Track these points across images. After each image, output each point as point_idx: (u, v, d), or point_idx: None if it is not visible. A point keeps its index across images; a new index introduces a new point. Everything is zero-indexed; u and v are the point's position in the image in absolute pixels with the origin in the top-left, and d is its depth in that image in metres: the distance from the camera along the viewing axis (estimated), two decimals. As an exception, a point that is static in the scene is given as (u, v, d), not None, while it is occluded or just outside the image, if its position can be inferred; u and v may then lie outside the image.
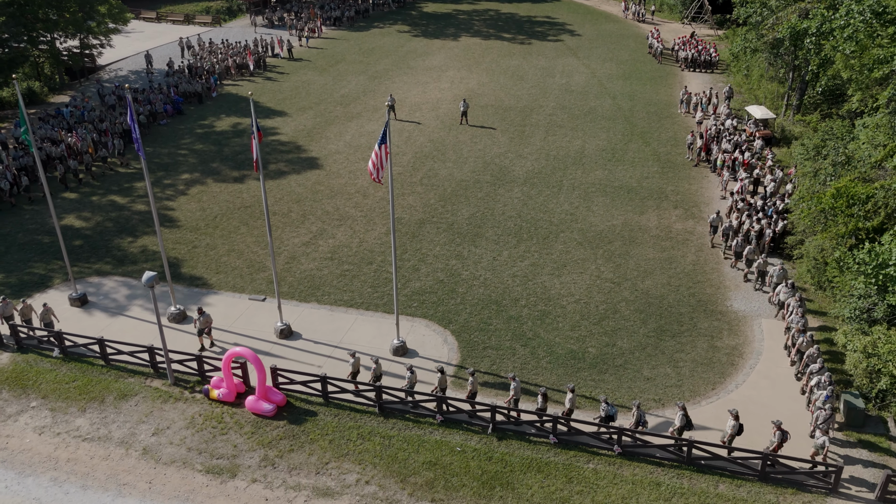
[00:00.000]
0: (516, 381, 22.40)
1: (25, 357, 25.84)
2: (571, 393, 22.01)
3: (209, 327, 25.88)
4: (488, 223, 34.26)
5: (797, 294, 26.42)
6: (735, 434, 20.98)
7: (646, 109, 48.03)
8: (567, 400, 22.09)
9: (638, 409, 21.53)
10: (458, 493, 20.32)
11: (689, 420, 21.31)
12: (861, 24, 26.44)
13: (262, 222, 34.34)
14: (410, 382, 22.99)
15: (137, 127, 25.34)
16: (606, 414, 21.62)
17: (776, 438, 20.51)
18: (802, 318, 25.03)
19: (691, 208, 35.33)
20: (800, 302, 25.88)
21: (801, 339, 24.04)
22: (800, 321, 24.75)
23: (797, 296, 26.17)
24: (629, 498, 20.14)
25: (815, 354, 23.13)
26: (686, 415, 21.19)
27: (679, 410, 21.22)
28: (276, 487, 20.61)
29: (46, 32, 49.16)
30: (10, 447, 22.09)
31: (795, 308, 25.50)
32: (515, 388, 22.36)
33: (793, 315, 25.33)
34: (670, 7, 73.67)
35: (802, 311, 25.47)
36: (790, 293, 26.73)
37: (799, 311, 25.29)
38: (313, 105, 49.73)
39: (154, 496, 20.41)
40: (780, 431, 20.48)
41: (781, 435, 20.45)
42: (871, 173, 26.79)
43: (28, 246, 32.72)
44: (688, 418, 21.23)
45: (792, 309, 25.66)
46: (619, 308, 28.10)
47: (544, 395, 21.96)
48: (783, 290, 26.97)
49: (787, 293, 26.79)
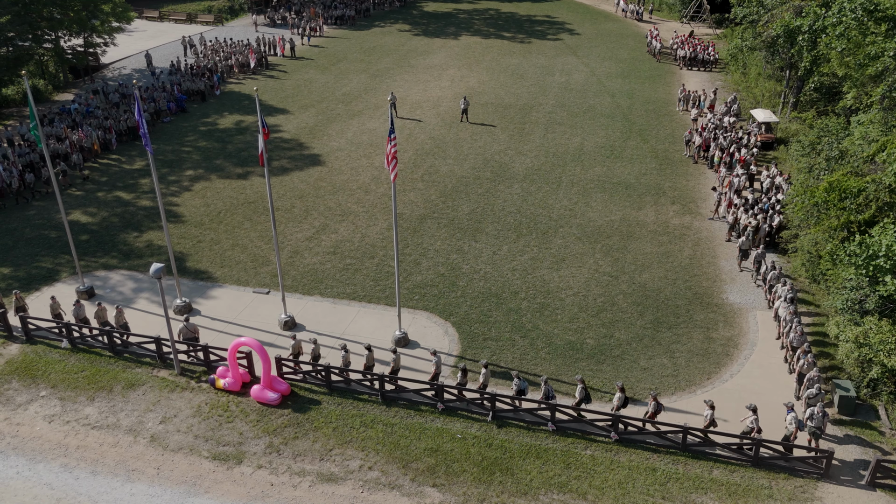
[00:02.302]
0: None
1: (35, 348, 26.37)
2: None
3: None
4: (488, 218, 34.78)
5: (793, 307, 25.64)
6: (711, 423, 21.56)
7: (644, 107, 48.55)
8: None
9: (545, 384, 22.65)
10: (459, 479, 20.85)
11: (588, 395, 22.78)
12: (853, 21, 26.95)
13: (265, 218, 34.87)
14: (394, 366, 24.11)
15: (145, 123, 25.86)
16: (518, 388, 22.75)
17: (752, 423, 21.12)
18: (803, 335, 24.22)
19: (688, 204, 35.84)
20: (798, 317, 25.03)
21: (802, 360, 23.03)
22: (802, 341, 23.93)
23: (793, 308, 25.44)
24: (626, 483, 20.66)
25: (815, 380, 22.22)
26: (585, 388, 22.71)
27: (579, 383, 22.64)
28: (281, 473, 21.13)
29: (51, 31, 49.65)
30: (21, 435, 22.62)
31: (795, 326, 24.50)
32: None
33: (793, 333, 24.33)
34: (669, 6, 74.15)
35: (802, 329, 24.43)
36: (788, 307, 25.69)
37: (798, 329, 24.29)
38: (315, 103, 50.26)
39: (162, 481, 20.94)
40: (755, 416, 21.22)
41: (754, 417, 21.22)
42: (863, 168, 27.31)
43: (35, 241, 33.26)
44: (587, 391, 22.68)
45: (790, 326, 24.72)
46: (616, 301, 28.62)
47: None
48: (782, 306, 26.03)
49: (786, 308, 25.73)
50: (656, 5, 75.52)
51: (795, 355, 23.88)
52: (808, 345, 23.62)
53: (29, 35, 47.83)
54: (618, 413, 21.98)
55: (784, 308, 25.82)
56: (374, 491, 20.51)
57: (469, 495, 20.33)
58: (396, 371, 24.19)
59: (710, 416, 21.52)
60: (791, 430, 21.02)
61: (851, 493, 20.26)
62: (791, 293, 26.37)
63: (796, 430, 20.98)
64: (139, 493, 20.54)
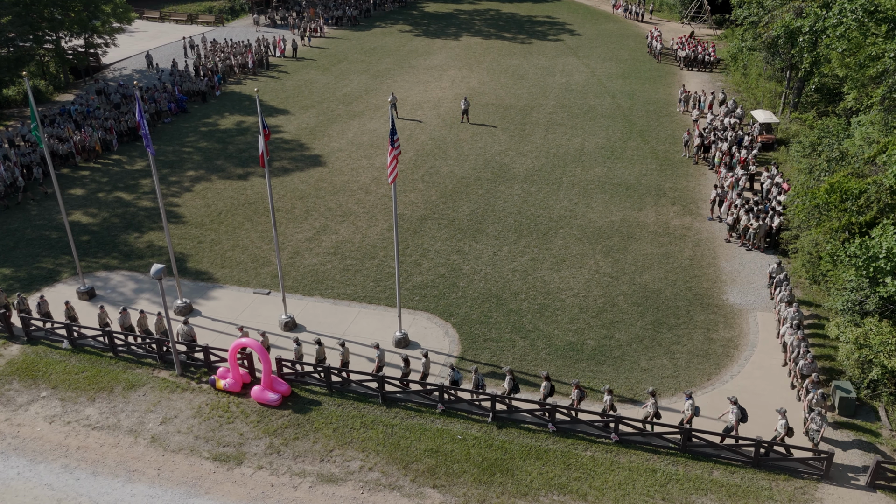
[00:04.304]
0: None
1: (35, 349, 26.40)
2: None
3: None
4: (489, 219, 34.79)
5: (801, 332, 24.45)
6: (740, 420, 21.40)
7: (645, 108, 48.56)
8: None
9: (475, 371, 23.15)
10: (459, 480, 20.86)
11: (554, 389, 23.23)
12: (853, 22, 26.96)
13: (265, 218, 34.89)
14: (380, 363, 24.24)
15: (146, 123, 25.88)
16: (452, 379, 23.32)
17: (734, 417, 21.24)
18: (813, 362, 22.96)
19: (689, 205, 35.85)
20: (806, 342, 23.97)
21: (812, 394, 21.81)
22: (812, 369, 22.80)
23: (800, 334, 24.18)
24: (626, 484, 20.67)
25: (819, 411, 21.34)
26: (551, 383, 23.12)
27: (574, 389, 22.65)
28: (281, 474, 21.15)
29: (52, 32, 49.72)
30: (21, 435, 22.64)
31: (803, 352, 23.40)
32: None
33: (801, 361, 23.12)
34: (669, 7, 74.18)
35: (812, 357, 23.08)
36: (795, 332, 24.53)
37: (808, 357, 22.97)
38: (316, 104, 50.28)
39: (163, 482, 20.96)
40: (737, 407, 21.36)
41: (739, 412, 21.32)
42: (864, 169, 27.31)
43: (36, 241, 33.29)
44: (552, 386, 23.00)
45: (798, 352, 23.72)
46: (617, 301, 28.63)
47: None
48: (788, 331, 24.95)
49: (793, 333, 24.59)
50: (657, 6, 75.53)
51: (804, 384, 22.66)
52: (817, 375, 22.50)
53: (30, 35, 47.90)
54: (545, 402, 22.40)
55: (791, 334, 24.65)
56: (374, 492, 20.53)
57: (469, 496, 20.34)
58: (346, 365, 24.42)
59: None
60: (780, 434, 21.07)
61: (851, 495, 20.26)
62: (797, 317, 25.21)
63: (784, 433, 21.01)
64: (140, 494, 20.56)
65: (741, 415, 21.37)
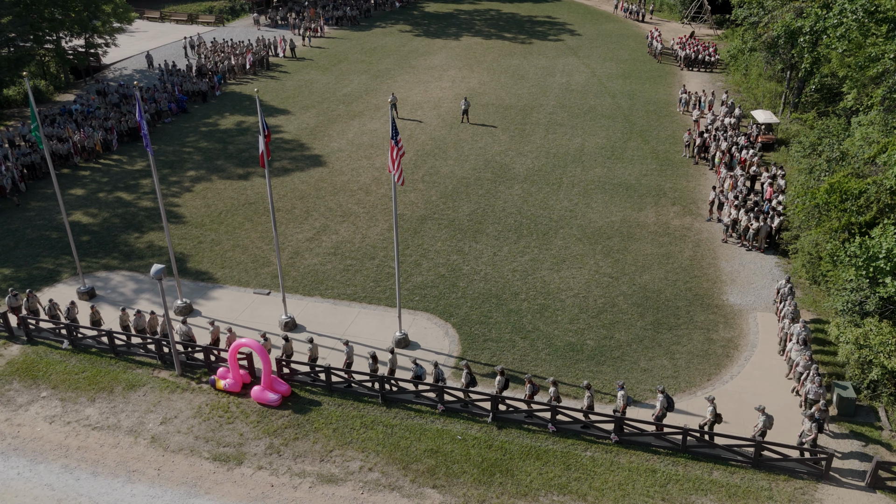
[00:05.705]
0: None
1: (35, 349, 26.41)
2: (554, 386, 22.60)
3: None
4: (489, 219, 34.79)
5: (809, 351, 23.73)
6: (713, 421, 21.51)
7: (645, 108, 48.55)
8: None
9: (434, 365, 23.31)
10: (459, 480, 20.86)
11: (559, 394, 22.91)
12: (854, 22, 26.96)
13: (265, 218, 34.90)
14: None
15: (146, 124, 25.89)
16: (415, 374, 23.51)
17: (709, 415, 21.43)
18: (821, 387, 22.22)
19: (689, 205, 35.84)
20: (815, 364, 23.04)
21: (818, 419, 21.06)
22: (820, 394, 22.09)
23: (808, 354, 23.40)
24: (626, 484, 20.67)
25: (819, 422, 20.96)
26: (506, 377, 23.11)
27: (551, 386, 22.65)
28: (281, 474, 21.15)
29: (52, 32, 49.75)
30: (21, 435, 22.65)
31: (812, 376, 22.54)
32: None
33: (809, 384, 22.43)
34: (670, 7, 74.18)
35: (821, 381, 22.32)
36: (802, 350, 23.91)
37: (817, 381, 22.25)
38: (316, 104, 50.29)
39: (163, 482, 20.96)
40: (713, 405, 21.51)
41: (714, 411, 21.50)
42: (864, 169, 27.31)
43: (36, 241, 33.30)
44: (506, 380, 23.16)
45: (807, 375, 22.99)
46: (617, 302, 28.62)
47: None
48: (795, 348, 24.21)
49: (799, 351, 23.91)
50: (657, 6, 75.52)
51: (811, 410, 21.37)
52: (825, 402, 21.70)
53: (30, 36, 47.93)
54: (500, 394, 22.73)
55: (797, 352, 23.94)
56: (374, 492, 20.53)
57: (469, 496, 20.34)
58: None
59: (712, 412, 21.45)
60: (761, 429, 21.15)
61: (851, 495, 20.25)
62: (804, 332, 24.32)
63: (763, 427, 21.12)
64: (140, 494, 20.57)
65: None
